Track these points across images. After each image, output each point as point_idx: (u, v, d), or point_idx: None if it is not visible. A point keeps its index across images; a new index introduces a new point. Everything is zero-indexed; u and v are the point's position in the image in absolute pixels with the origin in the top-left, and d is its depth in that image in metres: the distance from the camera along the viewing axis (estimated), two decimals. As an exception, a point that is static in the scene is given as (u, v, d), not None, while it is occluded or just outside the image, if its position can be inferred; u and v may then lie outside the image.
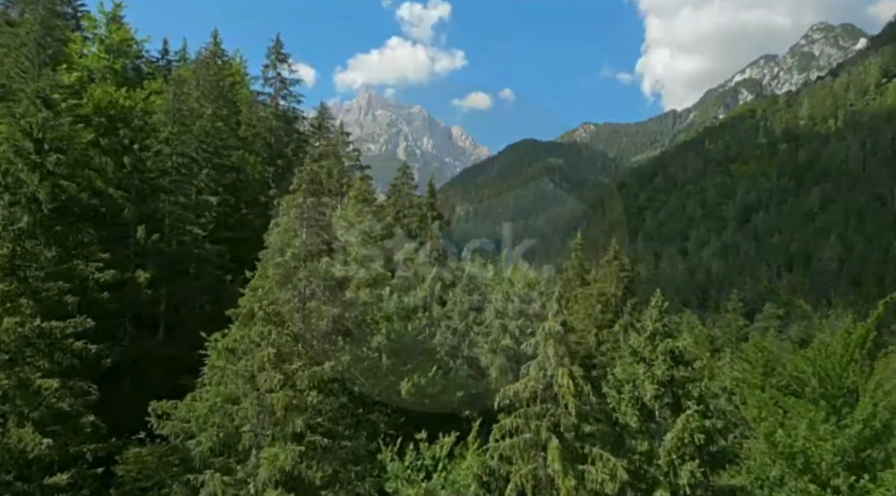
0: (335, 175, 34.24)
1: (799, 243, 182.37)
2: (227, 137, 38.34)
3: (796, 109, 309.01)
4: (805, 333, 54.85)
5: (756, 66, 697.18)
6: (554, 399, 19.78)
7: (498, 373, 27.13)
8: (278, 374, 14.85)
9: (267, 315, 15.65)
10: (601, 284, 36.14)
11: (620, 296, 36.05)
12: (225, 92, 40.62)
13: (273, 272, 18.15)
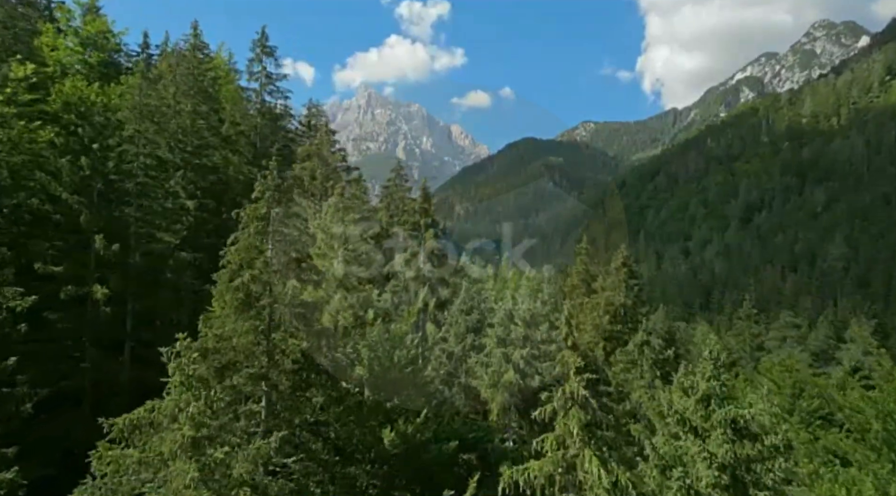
0: (319, 177, 31.73)
1: (804, 243, 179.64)
2: (208, 136, 35.76)
3: (799, 107, 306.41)
4: (826, 344, 52.42)
5: (757, 63, 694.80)
6: (577, 488, 15.82)
7: (500, 410, 24.17)
8: (193, 468, 10.96)
9: (187, 378, 12.40)
10: (609, 293, 33.63)
11: (630, 305, 33.54)
12: (206, 87, 38.01)
13: (230, 298, 15.50)
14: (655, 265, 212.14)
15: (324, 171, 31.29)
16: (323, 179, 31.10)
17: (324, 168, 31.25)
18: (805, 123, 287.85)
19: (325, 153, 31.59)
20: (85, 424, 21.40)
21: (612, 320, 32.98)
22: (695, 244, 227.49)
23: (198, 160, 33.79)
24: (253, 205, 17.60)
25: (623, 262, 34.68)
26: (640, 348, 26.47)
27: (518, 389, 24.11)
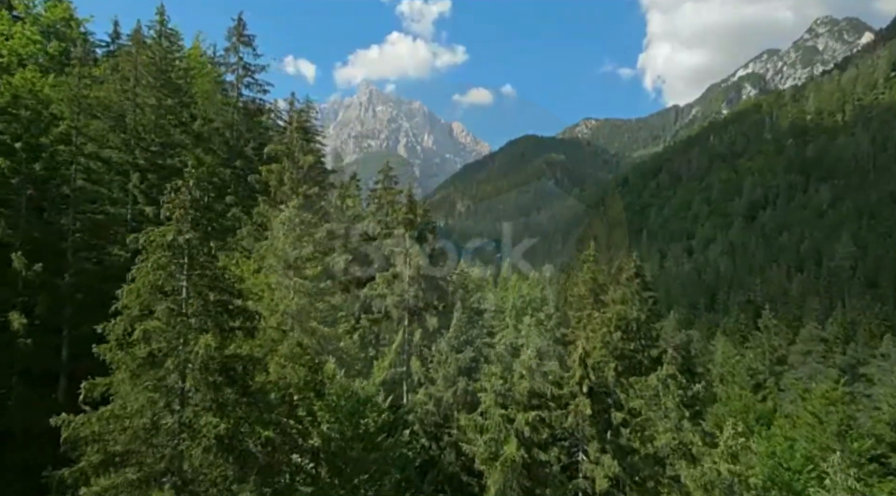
0: (288, 182, 28.44)
1: (810, 242, 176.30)
2: (176, 134, 32.45)
3: (803, 104, 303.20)
4: (853, 359, 49.11)
5: (759, 60, 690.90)
6: None
7: (498, 492, 19.78)
8: None
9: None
10: (620, 306, 30.49)
11: (643, 320, 30.37)
12: (174, 79, 34.61)
13: (122, 361, 11.90)
14: (658, 264, 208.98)
15: (294, 175, 27.82)
16: (293, 185, 27.65)
17: (295, 171, 27.71)
18: (809, 120, 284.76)
19: (297, 154, 27.97)
20: (14, 476, 18.28)
21: (625, 337, 29.82)
22: (698, 242, 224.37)
23: (162, 161, 30.49)
24: (157, 229, 14.08)
25: (636, 272, 31.50)
26: (664, 383, 23.21)
27: (523, 465, 19.86)
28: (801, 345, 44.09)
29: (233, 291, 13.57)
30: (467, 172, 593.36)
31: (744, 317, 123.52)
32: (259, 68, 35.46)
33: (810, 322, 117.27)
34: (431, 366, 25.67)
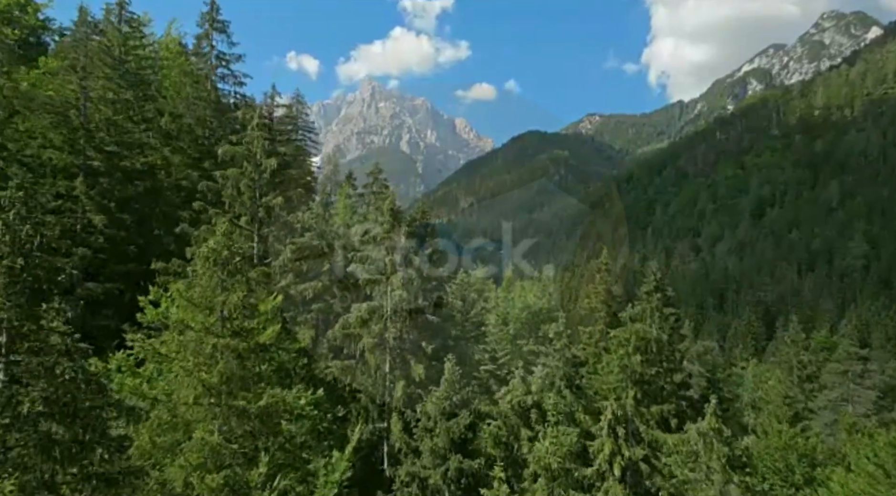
0: (246, 190, 24.26)
1: (820, 240, 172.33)
2: (138, 132, 28.88)
3: (811, 99, 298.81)
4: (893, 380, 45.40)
5: (765, 55, 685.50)
6: None
7: None
8: None
9: None
10: (639, 325, 27.07)
11: (665, 341, 26.95)
12: (135, 71, 31.07)
13: None
14: (664, 262, 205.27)
15: (254, 182, 23.99)
16: (253, 194, 23.79)
17: (256, 175, 23.76)
18: (817, 115, 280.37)
19: (259, 157, 23.93)
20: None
21: (645, 360, 26.37)
22: (705, 240, 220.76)
23: (119, 162, 26.93)
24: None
25: (656, 286, 27.99)
26: (705, 439, 19.75)
27: None
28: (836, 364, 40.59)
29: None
30: (470, 168, 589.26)
31: (754, 319, 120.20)
32: (235, 58, 32.03)
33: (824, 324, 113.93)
34: (417, 433, 21.80)
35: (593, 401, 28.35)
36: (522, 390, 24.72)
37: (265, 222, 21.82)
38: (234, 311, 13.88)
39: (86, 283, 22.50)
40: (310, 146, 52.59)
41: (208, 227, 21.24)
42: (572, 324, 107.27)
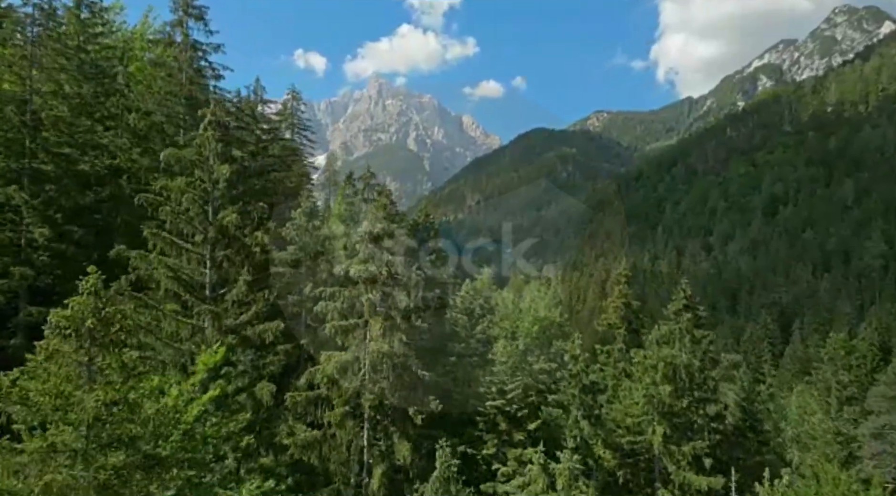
0: (191, 205, 18.57)
1: (836, 239, 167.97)
2: (99, 130, 25.65)
3: (824, 94, 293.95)
4: None
5: (775, 51, 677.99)
6: None
7: None
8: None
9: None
10: (668, 350, 23.85)
11: (697, 367, 23.72)
12: (96, 62, 27.78)
13: None
14: (675, 261, 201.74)
15: (207, 193, 20.30)
16: (203, 208, 19.71)
17: (210, 185, 19.79)
18: (831, 111, 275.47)
19: (213, 162, 19.61)
20: None
21: (674, 390, 23.12)
22: (716, 239, 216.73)
23: (73, 165, 23.70)
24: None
25: (686, 305, 24.71)
26: None
27: None
28: (885, 387, 36.94)
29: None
30: (477, 166, 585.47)
31: (770, 321, 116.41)
32: (213, 48, 28.75)
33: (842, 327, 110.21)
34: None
35: (613, 432, 25.13)
36: (544, 482, 21.12)
37: (219, 243, 18.27)
38: (104, 414, 10.04)
39: (29, 307, 19.48)
40: (307, 145, 49.52)
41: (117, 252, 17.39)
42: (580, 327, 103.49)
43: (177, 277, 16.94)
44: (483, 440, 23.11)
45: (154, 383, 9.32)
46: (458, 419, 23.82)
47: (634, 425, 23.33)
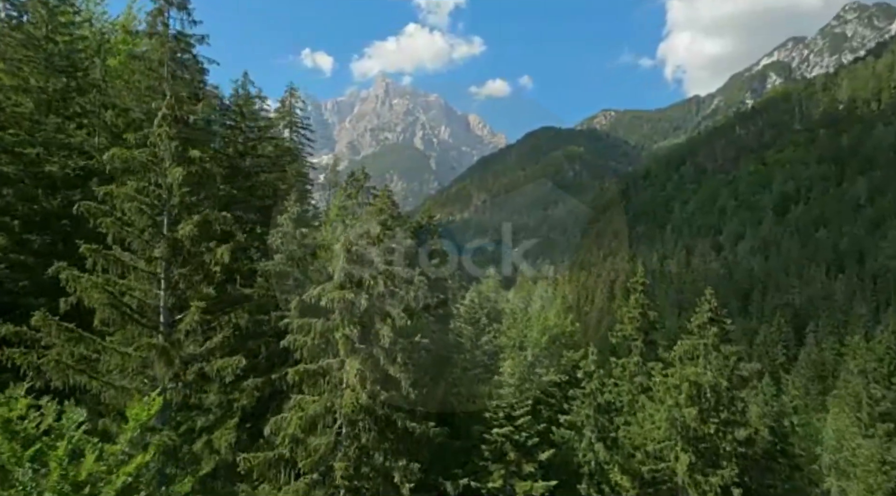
0: (138, 217, 15.72)
1: (850, 239, 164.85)
2: (71, 128, 23.50)
3: (835, 92, 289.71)
4: None
5: (784, 48, 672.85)
6: None
7: None
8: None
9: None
10: (692, 368, 21.68)
11: (725, 388, 21.54)
12: (68, 54, 25.64)
13: None
14: (685, 261, 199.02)
15: (161, 201, 15.94)
16: (155, 220, 15.75)
17: (165, 192, 16.64)
18: (842, 109, 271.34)
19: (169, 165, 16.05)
20: None
21: (700, 414, 20.95)
22: (726, 238, 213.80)
23: (36, 167, 21.59)
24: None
25: (711, 318, 22.50)
26: None
27: None
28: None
29: None
30: (484, 165, 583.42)
31: (784, 323, 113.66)
32: (197, 39, 26.54)
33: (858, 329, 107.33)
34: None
35: (631, 456, 22.96)
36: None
37: (175, 260, 15.93)
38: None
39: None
40: (305, 144, 47.49)
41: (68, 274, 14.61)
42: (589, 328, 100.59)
43: (116, 303, 14.57)
44: (489, 471, 20.99)
45: (60, 451, 7.18)
46: (460, 449, 21.65)
47: (656, 451, 21.23)
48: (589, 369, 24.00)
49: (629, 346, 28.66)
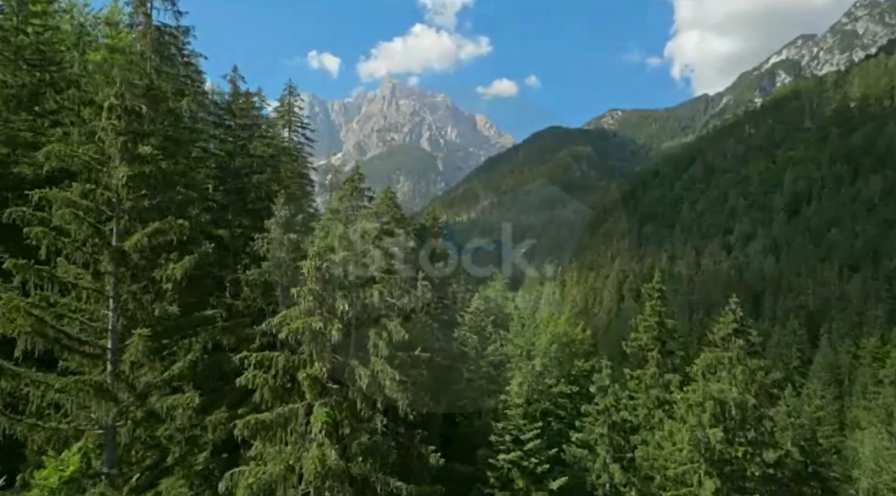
0: (76, 224, 13.52)
1: (864, 239, 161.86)
2: (43, 128, 21.82)
3: (847, 89, 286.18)
4: None
5: (794, 46, 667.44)
6: None
7: None
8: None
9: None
10: (717, 385, 19.88)
11: (752, 406, 19.74)
12: (41, 48, 24.03)
13: None
14: (694, 262, 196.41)
15: (111, 205, 13.81)
16: (99, 228, 13.75)
17: (113, 195, 13.23)
18: (854, 107, 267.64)
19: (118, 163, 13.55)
20: None
21: (727, 434, 19.17)
22: (736, 239, 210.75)
23: (3, 168, 19.88)
24: None
25: (736, 329, 20.69)
26: None
27: None
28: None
29: None
30: (491, 165, 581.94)
31: (798, 325, 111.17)
32: (182, 32, 24.82)
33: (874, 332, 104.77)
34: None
35: (650, 479, 21.18)
36: None
37: (125, 276, 13.99)
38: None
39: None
40: (304, 144, 45.90)
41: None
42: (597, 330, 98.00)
43: (43, 330, 12.62)
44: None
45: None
46: (462, 476, 19.85)
47: (677, 475, 19.44)
48: (603, 384, 22.26)
49: (645, 357, 26.87)
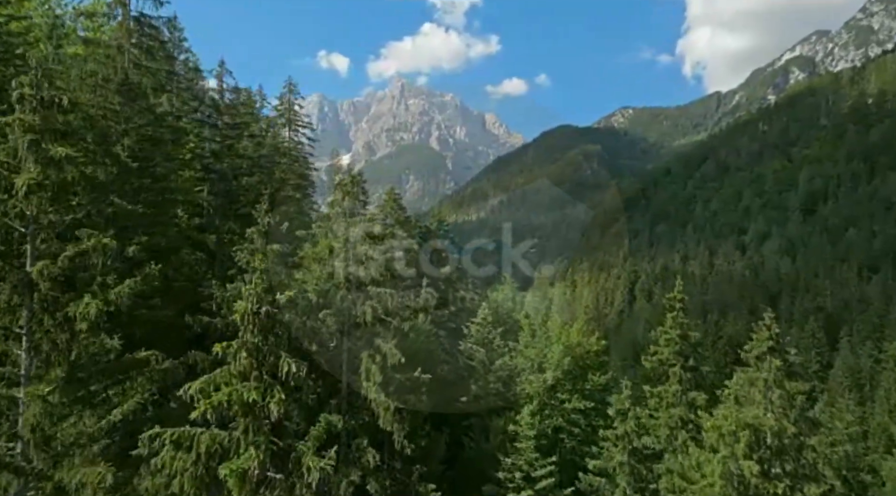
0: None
1: (883, 238, 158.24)
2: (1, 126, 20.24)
3: (863, 86, 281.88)
4: None
5: (807, 42, 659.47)
6: None
7: None
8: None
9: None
10: (751, 412, 17.75)
11: (793, 434, 17.60)
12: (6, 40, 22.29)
13: None
14: (708, 262, 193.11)
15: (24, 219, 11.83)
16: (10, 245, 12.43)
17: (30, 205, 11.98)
18: (871, 103, 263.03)
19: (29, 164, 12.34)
20: None
21: (762, 467, 17.09)
22: (751, 238, 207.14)
23: None
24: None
25: (772, 347, 18.59)
26: None
27: None
28: None
29: None
30: (501, 165, 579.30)
31: (817, 328, 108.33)
32: (163, 23, 22.92)
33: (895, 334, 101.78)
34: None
35: (675, 512, 19.10)
36: None
37: (36, 311, 11.74)
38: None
39: None
40: (304, 144, 44.11)
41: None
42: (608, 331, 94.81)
43: None
44: (503, 545, 17.35)
45: None
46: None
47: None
48: (623, 407, 20.24)
49: (665, 372, 24.80)
